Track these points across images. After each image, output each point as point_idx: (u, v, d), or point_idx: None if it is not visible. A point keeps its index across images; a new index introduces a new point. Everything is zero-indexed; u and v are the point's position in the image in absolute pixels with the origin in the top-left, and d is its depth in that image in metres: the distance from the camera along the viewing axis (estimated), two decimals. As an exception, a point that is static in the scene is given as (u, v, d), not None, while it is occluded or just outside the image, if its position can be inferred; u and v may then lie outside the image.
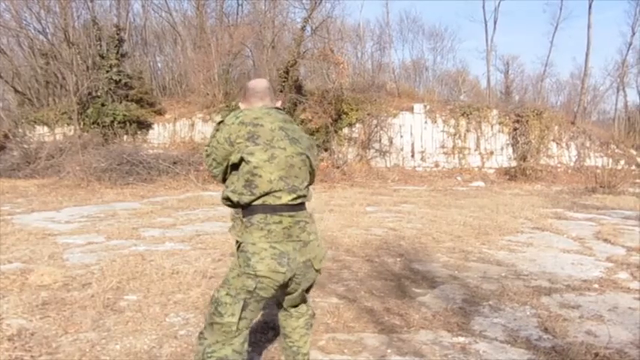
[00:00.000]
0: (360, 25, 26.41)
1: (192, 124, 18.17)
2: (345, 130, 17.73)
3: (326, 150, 17.29)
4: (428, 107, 18.18)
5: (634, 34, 25.97)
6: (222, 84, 18.42)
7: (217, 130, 2.15)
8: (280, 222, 2.06)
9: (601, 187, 13.25)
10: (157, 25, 24.76)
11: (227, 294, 2.10)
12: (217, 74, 18.25)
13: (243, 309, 2.08)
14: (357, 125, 17.74)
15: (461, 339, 3.19)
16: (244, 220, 2.09)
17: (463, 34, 54.85)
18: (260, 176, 2.03)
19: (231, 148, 2.08)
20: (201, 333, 2.18)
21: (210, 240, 6.17)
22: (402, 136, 17.90)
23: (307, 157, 2.20)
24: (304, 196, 2.18)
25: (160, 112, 18.76)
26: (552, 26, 26.87)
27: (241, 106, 2.35)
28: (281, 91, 16.23)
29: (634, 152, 19.04)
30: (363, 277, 4.63)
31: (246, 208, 2.10)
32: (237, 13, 23.61)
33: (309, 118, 16.68)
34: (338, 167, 16.69)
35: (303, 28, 17.18)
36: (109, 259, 5.01)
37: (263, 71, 17.07)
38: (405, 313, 3.65)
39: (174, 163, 13.96)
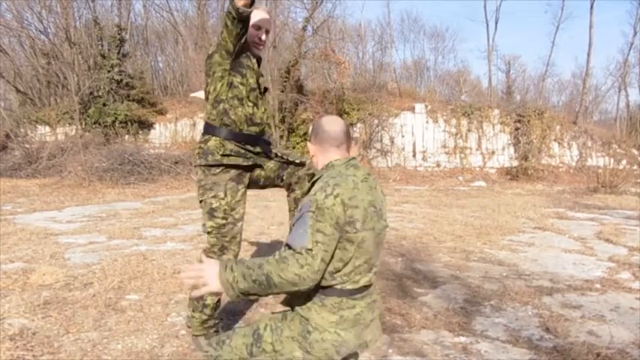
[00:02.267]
0: (362, 25, 26.46)
1: (194, 124, 18.18)
2: (347, 130, 17.69)
3: (327, 150, 17.26)
4: (429, 107, 18.17)
5: (635, 33, 25.94)
6: (224, 84, 18.40)
7: (318, 220, 1.72)
8: (354, 307, 1.84)
9: (603, 187, 13.23)
10: (158, 24, 24.79)
11: (271, 343, 1.85)
12: (219, 74, 18.23)
13: None
14: (359, 125, 17.74)
15: (462, 339, 3.18)
16: (315, 295, 1.84)
17: (464, 34, 54.94)
18: (347, 263, 1.79)
19: (339, 234, 1.75)
20: (219, 343, 1.93)
21: (212, 240, 6.17)
22: (403, 136, 17.89)
23: (387, 225, 1.97)
24: (377, 269, 1.94)
25: (161, 112, 18.78)
26: (554, 26, 26.96)
27: (310, 147, 2.03)
28: (282, 91, 16.24)
29: (636, 152, 19.02)
30: (364, 277, 4.62)
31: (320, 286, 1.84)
32: (239, 13, 23.58)
33: (310, 117, 16.69)
34: (339, 167, 16.66)
35: (304, 28, 17.19)
36: (111, 259, 5.02)
37: (264, 71, 17.06)
38: (406, 312, 3.65)
39: (176, 162, 13.96)
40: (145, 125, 18.14)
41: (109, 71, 17.38)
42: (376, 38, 27.70)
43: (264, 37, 2.83)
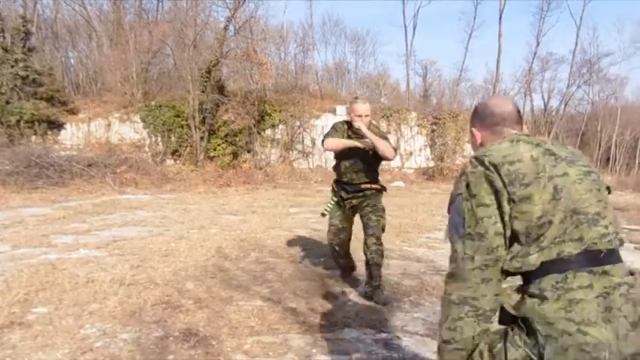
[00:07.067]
0: (284, 27, 26.45)
1: (109, 125, 17.34)
2: (268, 132, 17.69)
3: (249, 151, 17.18)
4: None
5: (538, 44, 28.19)
6: (141, 83, 17.75)
7: (472, 195, 1.46)
8: (590, 286, 1.31)
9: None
10: (69, 18, 23.38)
11: None
12: (136, 72, 17.55)
13: None
14: (280, 127, 17.76)
15: (384, 335, 3.27)
16: (528, 286, 1.41)
17: (384, 39, 56.61)
18: (540, 225, 1.35)
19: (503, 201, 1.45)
20: None
21: (129, 245, 5.92)
22: (325, 138, 18.09)
23: (591, 171, 1.49)
24: (609, 223, 1.39)
25: (72, 112, 17.73)
26: (467, 34, 28.43)
27: (477, 134, 1.70)
28: (202, 92, 15.90)
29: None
30: (287, 278, 4.64)
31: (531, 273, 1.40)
32: (157, 10, 22.87)
33: (232, 119, 16.47)
34: (261, 169, 16.61)
35: (225, 28, 16.92)
36: (16, 270, 4.66)
37: (184, 70, 16.61)
38: (329, 312, 3.70)
39: (89, 165, 13.24)
40: (55, 125, 17.04)
41: (12, 66, 16.17)
42: (298, 40, 27.83)
43: (364, 120, 4.10)
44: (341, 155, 4.30)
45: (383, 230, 4.23)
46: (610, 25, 61.49)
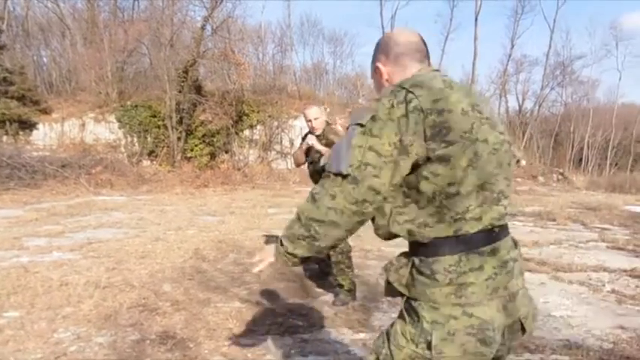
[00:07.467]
0: (262, 27, 26.34)
1: (83, 125, 17.04)
2: (246, 132, 17.63)
3: (227, 152, 17.08)
4: (328, 110, 18.57)
5: (513, 46, 28.73)
6: (116, 82, 17.50)
7: (372, 134, 1.25)
8: (481, 268, 1.26)
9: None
10: (41, 16, 22.86)
11: None
12: (111, 72, 17.29)
13: None
14: (258, 127, 17.71)
15: (362, 335, 3.29)
16: (417, 263, 1.35)
17: (362, 40, 56.64)
18: (447, 196, 1.25)
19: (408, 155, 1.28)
20: None
21: (104, 247, 5.83)
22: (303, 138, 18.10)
23: (506, 140, 1.39)
24: (508, 203, 1.35)
25: (45, 111, 17.38)
26: (443, 36, 28.80)
27: (382, 69, 1.48)
28: (179, 92, 15.75)
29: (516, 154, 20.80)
30: (265, 280, 4.62)
31: (423, 246, 1.33)
32: (133, 8, 22.52)
33: (210, 119, 16.36)
34: (239, 169, 16.54)
35: (203, 27, 16.80)
36: (-14, 273, 4.55)
37: (161, 70, 16.43)
38: (307, 313, 3.69)
39: (63, 166, 12.98)
40: (27, 125, 16.67)
41: (-19, 65, 15.80)
42: (276, 40, 27.74)
43: (313, 123, 4.13)
44: (306, 161, 4.43)
45: None
46: (582, 28, 62.86)
